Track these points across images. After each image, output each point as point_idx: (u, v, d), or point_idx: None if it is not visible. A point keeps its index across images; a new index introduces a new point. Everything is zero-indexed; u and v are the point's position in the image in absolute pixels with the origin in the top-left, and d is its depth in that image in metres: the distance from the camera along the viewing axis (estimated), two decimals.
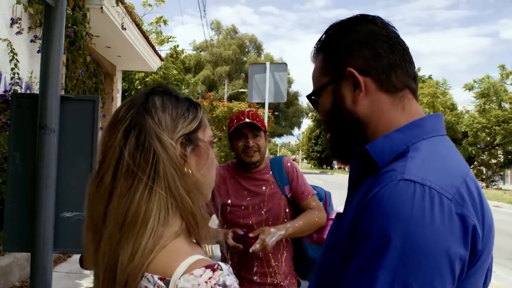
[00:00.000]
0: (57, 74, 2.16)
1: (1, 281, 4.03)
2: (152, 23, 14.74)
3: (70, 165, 2.22)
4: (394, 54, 0.90)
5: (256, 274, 2.13)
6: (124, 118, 0.87)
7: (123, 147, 0.84)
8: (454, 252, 0.72)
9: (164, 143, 0.83)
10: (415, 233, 0.71)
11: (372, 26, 0.93)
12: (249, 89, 7.09)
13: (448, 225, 0.72)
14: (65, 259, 5.52)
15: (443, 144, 0.88)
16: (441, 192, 0.74)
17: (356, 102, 0.91)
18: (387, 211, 0.74)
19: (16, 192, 2.20)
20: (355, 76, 0.90)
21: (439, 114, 0.94)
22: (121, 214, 0.82)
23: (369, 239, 0.75)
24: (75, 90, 7.31)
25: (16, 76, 5.39)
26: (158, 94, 0.91)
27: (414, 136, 0.86)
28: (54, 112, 2.14)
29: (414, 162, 0.80)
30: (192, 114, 0.91)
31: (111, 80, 10.32)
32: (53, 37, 2.16)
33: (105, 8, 6.55)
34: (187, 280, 0.74)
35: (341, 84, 0.92)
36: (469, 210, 0.75)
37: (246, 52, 48.12)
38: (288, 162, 2.26)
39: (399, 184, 0.76)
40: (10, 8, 5.40)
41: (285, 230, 2.03)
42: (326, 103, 0.97)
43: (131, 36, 8.17)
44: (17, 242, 2.21)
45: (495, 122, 30.75)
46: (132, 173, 0.83)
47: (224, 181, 2.25)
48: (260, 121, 2.18)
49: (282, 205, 2.17)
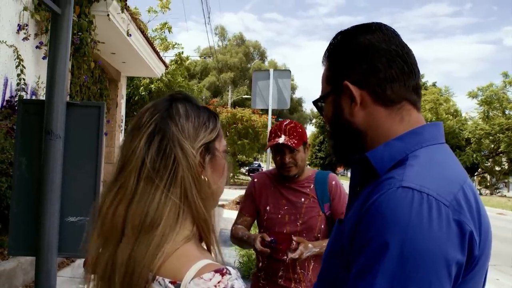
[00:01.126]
0: (63, 80, 2.19)
1: (6, 285, 4.04)
2: (157, 29, 14.82)
3: (75, 170, 2.25)
4: (392, 69, 0.91)
5: (281, 278, 2.16)
6: (148, 123, 0.89)
7: (146, 152, 0.86)
8: (452, 257, 0.74)
9: (185, 151, 0.86)
10: (413, 238, 0.73)
11: (374, 38, 0.93)
12: (252, 96, 7.11)
13: (446, 231, 0.74)
14: (68, 264, 5.53)
15: (441, 152, 0.90)
16: (439, 199, 0.76)
17: (353, 114, 0.94)
18: (385, 217, 0.76)
19: (22, 197, 2.23)
20: (350, 89, 0.93)
21: (439, 123, 0.96)
22: (139, 218, 0.83)
23: (368, 245, 0.77)
24: (79, 96, 7.37)
25: (22, 82, 5.44)
26: (181, 101, 0.93)
27: (413, 144, 0.88)
28: (60, 118, 2.17)
29: (413, 169, 0.82)
30: (212, 123, 0.94)
31: (116, 86, 10.38)
32: (60, 44, 2.20)
33: (111, 15, 6.61)
34: (197, 284, 0.77)
35: (340, 95, 0.95)
36: (466, 216, 0.77)
37: (251, 59, 48.28)
38: (333, 181, 2.25)
39: (397, 191, 0.78)
40: (17, 15, 5.46)
41: (319, 249, 2.06)
42: (328, 111, 1.00)
43: (136, 43, 8.23)
44: (22, 246, 2.24)
45: (499, 130, 30.66)
46: (151, 179, 0.85)
47: (265, 188, 2.28)
48: (297, 136, 2.15)
49: (318, 220, 2.17)
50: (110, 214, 0.86)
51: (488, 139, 31.47)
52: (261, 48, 50.05)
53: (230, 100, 35.75)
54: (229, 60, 43.91)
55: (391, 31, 0.96)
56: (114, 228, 0.86)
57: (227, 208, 12.73)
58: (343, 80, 0.94)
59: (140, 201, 0.84)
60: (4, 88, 5.34)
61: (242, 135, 21.19)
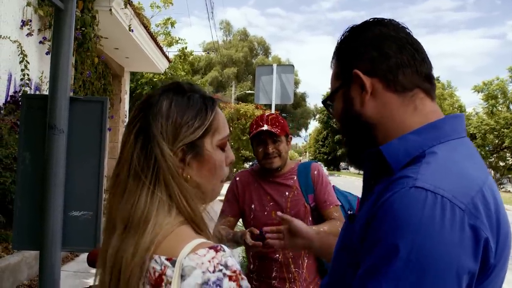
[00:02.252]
0: (66, 75, 2.19)
1: (10, 279, 4.07)
2: (160, 24, 14.82)
3: (79, 165, 2.26)
4: (403, 54, 0.89)
5: (275, 279, 2.09)
6: (135, 120, 0.92)
7: (134, 148, 0.90)
8: (463, 265, 0.70)
9: (163, 153, 0.87)
10: (423, 242, 0.70)
11: (382, 28, 0.92)
12: (256, 91, 7.11)
13: (459, 236, 0.70)
14: (73, 258, 5.57)
15: (462, 148, 0.85)
16: (454, 202, 0.72)
17: (364, 104, 0.90)
18: (396, 218, 0.73)
19: (25, 192, 2.24)
20: (360, 78, 0.90)
21: (460, 115, 0.91)
22: (127, 214, 0.87)
23: (377, 245, 0.74)
24: (83, 91, 7.38)
25: (26, 77, 5.46)
26: (169, 96, 0.93)
27: (431, 139, 0.83)
28: (63, 112, 2.17)
29: (429, 168, 0.78)
30: (199, 121, 0.92)
31: (119, 81, 10.39)
32: (63, 39, 2.20)
33: (114, 10, 6.61)
34: (192, 259, 0.79)
35: (350, 87, 0.92)
36: (482, 222, 0.72)
37: (255, 54, 48.20)
38: (316, 170, 2.19)
39: (410, 191, 0.74)
40: (20, 10, 5.47)
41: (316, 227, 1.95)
42: (338, 107, 0.97)
43: (139, 38, 8.23)
44: (26, 240, 2.25)
45: (504, 125, 30.54)
46: (138, 175, 0.88)
47: (248, 186, 2.22)
48: (280, 126, 2.12)
49: (305, 212, 2.12)
50: (109, 204, 0.91)
51: (493, 134, 31.35)
52: (265, 44, 49.96)
53: (233, 95, 35.72)
54: (234, 54, 43.84)
55: (400, 24, 0.94)
56: (111, 220, 0.90)
57: None
58: (352, 70, 0.91)
59: (129, 197, 0.87)
60: (8, 84, 5.36)
61: (246, 131, 21.20)
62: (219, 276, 0.78)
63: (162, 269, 0.81)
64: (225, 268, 0.79)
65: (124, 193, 0.88)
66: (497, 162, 33.93)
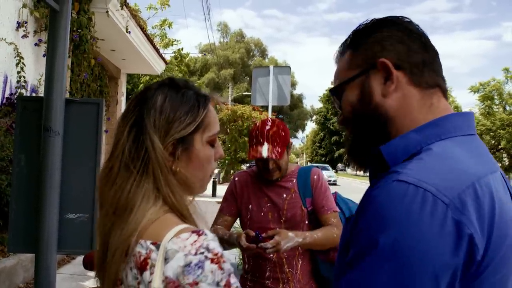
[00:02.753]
0: (61, 77, 2.19)
1: (6, 283, 4.05)
2: (156, 26, 14.81)
3: (74, 167, 2.25)
4: (428, 53, 0.89)
5: (268, 279, 2.08)
6: (131, 114, 0.96)
7: (126, 141, 0.93)
8: (441, 259, 0.69)
9: (154, 145, 0.92)
10: (401, 235, 0.69)
11: (408, 25, 0.91)
12: (252, 92, 7.10)
13: (438, 231, 0.68)
14: (69, 261, 5.55)
15: (463, 144, 0.83)
16: (437, 196, 0.70)
17: (387, 94, 0.88)
18: (377, 211, 0.73)
19: (21, 194, 2.23)
20: (387, 68, 0.87)
21: (467, 113, 0.90)
22: (114, 201, 0.92)
23: (359, 237, 0.75)
24: (79, 93, 7.36)
25: (22, 79, 5.44)
26: (164, 91, 0.97)
27: (431, 137, 0.82)
28: (58, 114, 2.17)
29: (419, 163, 0.77)
30: (190, 117, 0.96)
31: (116, 83, 10.38)
32: (58, 41, 2.19)
33: (110, 12, 6.60)
34: (175, 243, 0.84)
35: (370, 76, 0.89)
36: (468, 218, 0.70)
37: (252, 56, 48.24)
38: (316, 175, 2.16)
39: (392, 184, 0.73)
40: (16, 12, 5.46)
41: (302, 238, 1.95)
42: (352, 97, 0.92)
43: (135, 40, 8.22)
44: (22, 243, 2.24)
45: (500, 126, 30.65)
46: (128, 166, 0.92)
47: (246, 186, 2.21)
48: (281, 142, 2.05)
49: (302, 215, 2.10)
50: (101, 190, 0.96)
51: (489, 135, 31.45)
52: (262, 45, 50.02)
53: (230, 96, 35.72)
54: (230, 56, 43.83)
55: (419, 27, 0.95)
56: (103, 204, 0.96)
57: None
58: (376, 60, 0.88)
59: (119, 185, 0.92)
60: (4, 86, 5.34)
61: (243, 133, 21.18)
62: (201, 258, 0.82)
63: (147, 253, 0.86)
64: (207, 251, 0.83)
65: (115, 182, 0.93)
66: None
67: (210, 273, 0.82)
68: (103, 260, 0.92)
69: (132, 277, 0.87)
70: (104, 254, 0.92)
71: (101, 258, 0.94)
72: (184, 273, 0.81)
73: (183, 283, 0.81)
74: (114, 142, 0.97)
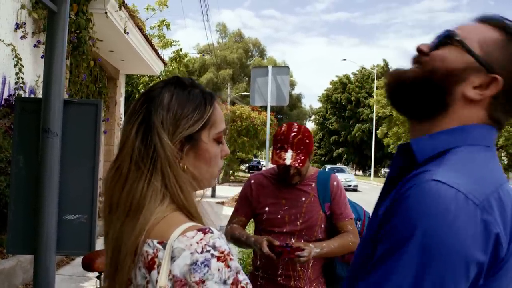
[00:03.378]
0: (60, 78, 2.19)
1: (5, 284, 4.05)
2: (155, 26, 14.80)
3: (73, 168, 2.25)
4: None
5: (280, 276, 2.13)
6: (138, 112, 0.96)
7: (135, 140, 0.93)
8: (473, 256, 0.74)
9: (163, 142, 0.92)
10: (436, 231, 0.74)
11: None
12: (251, 93, 7.11)
13: (471, 229, 0.74)
14: (68, 262, 5.54)
15: (485, 154, 0.88)
16: (469, 197, 0.76)
17: (466, 95, 0.87)
18: (413, 208, 0.77)
19: (20, 195, 2.23)
20: (497, 83, 0.86)
21: (492, 127, 0.91)
22: (128, 201, 0.91)
23: (392, 231, 0.79)
24: (78, 95, 7.36)
25: (21, 80, 5.44)
26: (171, 89, 0.98)
27: (458, 140, 0.87)
28: (57, 116, 2.17)
29: (449, 165, 0.82)
30: (198, 114, 0.97)
31: (115, 84, 10.36)
32: (56, 42, 2.19)
33: (108, 13, 6.60)
34: (181, 241, 0.84)
35: (473, 70, 0.87)
36: (495, 218, 0.76)
37: (250, 56, 48.21)
38: (335, 181, 2.22)
39: (428, 183, 0.78)
40: (14, 13, 5.45)
41: (320, 249, 2.02)
42: (450, 61, 0.89)
43: (134, 40, 8.22)
44: (21, 244, 2.24)
45: None
46: (138, 165, 0.92)
47: (263, 189, 2.23)
48: (304, 149, 2.08)
49: (319, 219, 2.15)
50: (110, 190, 0.95)
51: None
52: (260, 46, 50.02)
53: (229, 97, 35.71)
54: (229, 56, 43.77)
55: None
56: (112, 202, 0.95)
57: (227, 205, 12.76)
58: (494, 68, 0.86)
59: (128, 185, 0.92)
60: (2, 87, 5.33)
61: (242, 133, 21.16)
62: (207, 256, 0.82)
63: (155, 252, 0.86)
64: (213, 249, 0.83)
65: (126, 182, 0.92)
66: None
67: (216, 271, 0.82)
68: (115, 262, 0.91)
69: (141, 276, 0.87)
70: (115, 256, 0.91)
71: (113, 260, 0.93)
72: (190, 272, 0.81)
73: (189, 281, 0.81)
74: (122, 141, 0.97)
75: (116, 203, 0.93)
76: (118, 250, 0.90)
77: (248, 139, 21.07)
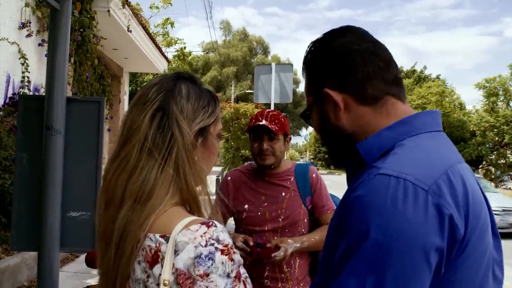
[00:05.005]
0: (63, 76, 2.19)
1: (10, 281, 4.08)
2: (159, 25, 14.82)
3: (76, 166, 2.26)
4: (368, 66, 0.92)
5: (267, 278, 2.07)
6: (154, 100, 0.95)
7: (149, 127, 0.93)
8: (429, 241, 0.73)
9: (182, 130, 0.93)
10: (389, 224, 0.73)
11: (345, 40, 0.95)
12: (255, 90, 7.11)
13: (423, 215, 0.74)
14: (72, 259, 5.57)
15: (432, 139, 0.89)
16: (416, 184, 0.76)
17: (338, 118, 0.94)
18: (362, 204, 0.77)
19: (23, 193, 2.24)
20: (331, 96, 0.93)
21: (434, 111, 0.95)
22: (138, 188, 0.90)
23: (347, 231, 0.78)
24: (82, 93, 7.38)
25: (26, 79, 5.46)
26: (185, 81, 1.00)
27: (402, 133, 0.88)
28: (60, 113, 2.17)
29: (395, 157, 0.83)
30: (211, 108, 1.00)
31: (119, 82, 10.39)
32: (59, 40, 2.20)
33: (112, 11, 6.61)
34: (184, 235, 0.84)
35: (323, 103, 0.96)
36: (446, 200, 0.76)
37: (254, 54, 48.11)
38: (314, 173, 2.17)
39: (375, 178, 0.79)
40: (18, 11, 5.47)
41: (300, 243, 1.99)
42: (315, 121, 1.01)
43: (137, 38, 8.23)
44: (25, 241, 2.25)
45: (504, 122, 30.51)
46: (151, 152, 0.91)
47: (240, 186, 2.17)
48: (279, 123, 2.07)
49: (301, 214, 2.09)
50: (113, 182, 0.93)
51: (493, 131, 31.30)
52: (264, 43, 49.91)
53: (233, 95, 35.68)
54: (233, 53, 43.64)
55: (361, 31, 0.97)
56: (116, 194, 0.92)
57: None
58: (323, 88, 0.94)
59: (141, 173, 0.90)
60: (7, 85, 5.36)
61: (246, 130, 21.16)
62: (211, 250, 0.82)
63: (157, 246, 0.86)
64: (217, 242, 0.84)
65: (134, 170, 0.91)
66: (497, 160, 33.88)
67: (220, 264, 0.82)
68: (121, 252, 0.89)
69: (140, 270, 0.87)
70: (122, 244, 0.89)
71: (119, 249, 0.89)
72: (194, 265, 0.81)
73: (193, 274, 0.81)
74: (129, 129, 0.94)
75: (121, 195, 0.91)
76: (125, 239, 0.88)
77: None
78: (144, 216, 0.87)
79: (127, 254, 0.88)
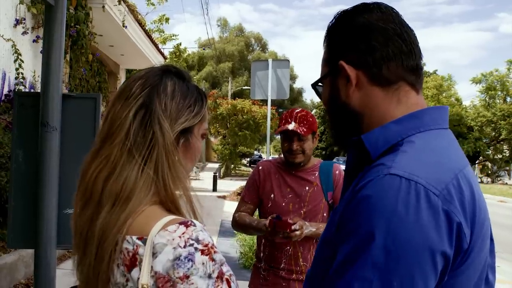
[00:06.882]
0: (58, 72, 2.18)
1: (7, 278, 4.06)
2: (155, 21, 14.75)
3: (72, 162, 2.24)
4: (388, 47, 0.88)
5: (283, 270, 2.18)
6: (138, 96, 0.91)
7: (131, 126, 0.89)
8: (438, 248, 0.71)
9: (163, 130, 0.88)
10: (398, 228, 0.70)
11: (371, 17, 0.91)
12: (251, 86, 7.09)
13: (433, 221, 0.71)
14: (70, 257, 5.55)
15: (441, 137, 0.86)
16: (428, 188, 0.73)
17: (348, 95, 0.91)
18: (371, 205, 0.73)
19: (19, 190, 2.23)
20: (345, 69, 0.90)
21: (443, 107, 0.92)
22: (117, 190, 0.86)
23: (353, 234, 0.74)
24: (78, 89, 7.35)
25: (20, 76, 5.43)
26: (172, 77, 0.95)
27: (411, 128, 0.84)
28: (55, 110, 2.16)
29: (405, 156, 0.79)
30: (197, 108, 0.95)
31: (115, 78, 10.36)
32: (54, 36, 2.18)
33: (107, 7, 6.58)
34: (162, 236, 0.80)
35: (337, 76, 0.93)
36: (455, 207, 0.74)
37: (251, 50, 47.95)
38: (337, 170, 2.28)
39: (384, 178, 0.75)
40: (13, 8, 5.43)
41: (316, 228, 2.07)
42: (325, 93, 0.98)
43: (133, 35, 8.20)
44: (21, 239, 2.24)
45: (500, 117, 30.59)
46: (132, 152, 0.88)
47: (270, 176, 2.29)
48: (307, 125, 2.17)
49: (321, 208, 2.21)
50: (92, 180, 0.89)
51: (490, 126, 31.40)
52: (262, 40, 49.75)
53: (230, 91, 35.61)
54: (228, 48, 43.37)
55: (391, 10, 0.93)
56: (93, 194, 0.88)
57: (228, 199, 12.73)
58: (339, 60, 0.91)
59: (121, 174, 0.87)
60: (2, 82, 5.33)
61: (243, 127, 21.12)
62: (191, 250, 0.79)
63: (135, 249, 0.82)
64: (196, 242, 0.80)
65: (114, 170, 0.87)
66: (494, 155, 34.00)
67: (201, 265, 0.79)
68: (101, 255, 0.85)
69: (120, 274, 0.84)
70: (101, 247, 0.85)
71: (98, 252, 0.86)
72: (174, 267, 0.78)
73: (173, 277, 0.78)
74: (111, 125, 0.91)
75: (99, 196, 0.87)
76: (104, 243, 0.85)
77: (249, 132, 21.02)
78: (122, 218, 0.84)
79: (107, 259, 0.84)
